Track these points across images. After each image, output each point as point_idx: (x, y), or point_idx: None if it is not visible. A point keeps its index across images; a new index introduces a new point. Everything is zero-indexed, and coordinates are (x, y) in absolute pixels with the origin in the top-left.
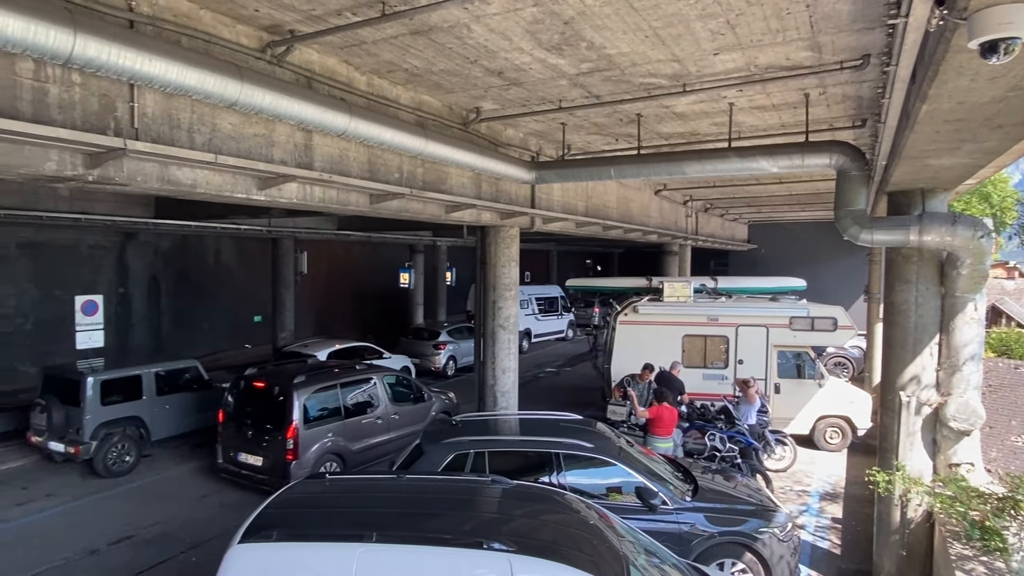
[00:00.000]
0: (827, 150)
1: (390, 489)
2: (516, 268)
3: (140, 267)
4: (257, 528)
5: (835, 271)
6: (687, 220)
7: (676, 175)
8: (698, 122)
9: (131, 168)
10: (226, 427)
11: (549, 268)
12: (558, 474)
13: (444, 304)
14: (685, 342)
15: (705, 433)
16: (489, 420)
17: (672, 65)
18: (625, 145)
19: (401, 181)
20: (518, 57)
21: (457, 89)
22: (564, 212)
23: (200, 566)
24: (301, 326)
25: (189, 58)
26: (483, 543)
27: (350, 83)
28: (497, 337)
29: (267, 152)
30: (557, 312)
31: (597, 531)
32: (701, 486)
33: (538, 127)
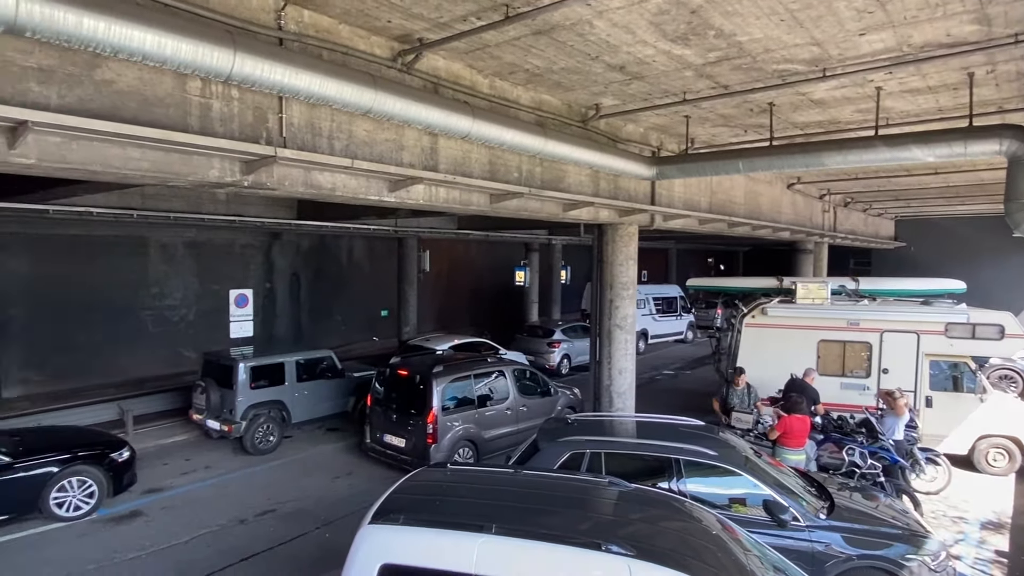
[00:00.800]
0: (996, 135)
1: (508, 483)
2: (634, 267)
3: (283, 264)
4: (385, 511)
5: (1001, 272)
6: (824, 216)
7: (813, 167)
8: (839, 109)
9: (280, 174)
10: (373, 411)
11: (667, 267)
12: (677, 480)
13: (558, 302)
14: (820, 348)
15: (843, 447)
16: (605, 421)
17: (810, 49)
18: (755, 137)
19: (520, 180)
20: (641, 50)
21: (577, 87)
22: (686, 209)
23: (332, 541)
24: (423, 321)
25: (330, 70)
26: (601, 544)
27: (473, 86)
28: (614, 337)
29: (397, 156)
30: (676, 313)
31: (720, 542)
32: (838, 504)
33: (660, 121)
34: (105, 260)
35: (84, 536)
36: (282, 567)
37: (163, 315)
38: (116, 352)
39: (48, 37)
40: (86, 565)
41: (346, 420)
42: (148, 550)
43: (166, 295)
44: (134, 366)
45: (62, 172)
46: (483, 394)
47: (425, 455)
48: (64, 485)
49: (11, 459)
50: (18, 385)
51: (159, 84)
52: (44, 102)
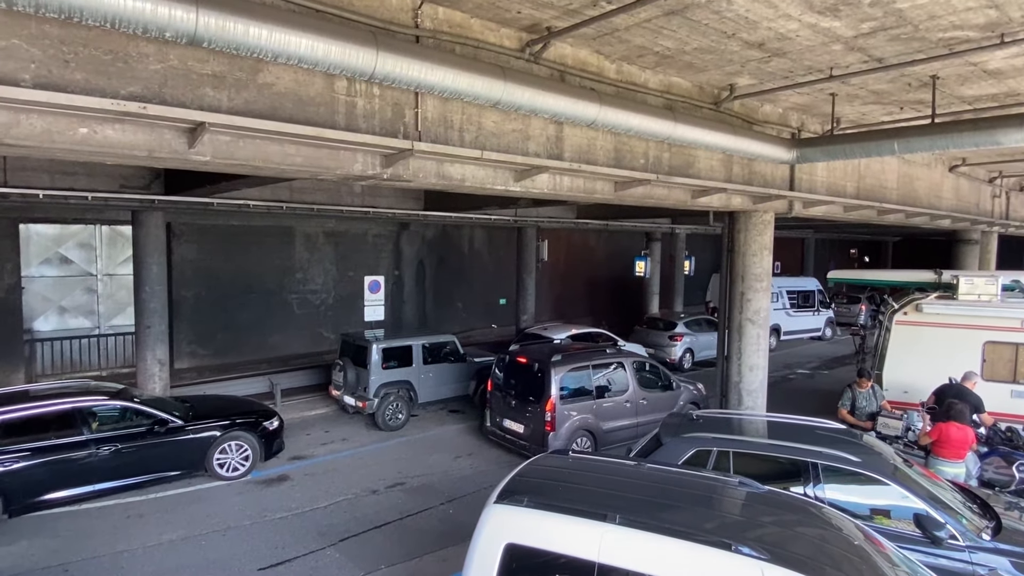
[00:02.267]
0: None
1: (631, 475)
2: (769, 257)
3: (410, 253)
4: (509, 492)
5: None
6: (993, 201)
7: (984, 146)
8: (1019, 80)
9: (415, 166)
10: (493, 396)
11: (804, 258)
12: (814, 486)
13: (681, 294)
14: (987, 350)
15: (1012, 463)
16: (733, 419)
17: (986, 13)
18: (912, 114)
19: (647, 167)
20: (784, 25)
21: (710, 67)
22: (829, 195)
23: (455, 517)
24: (540, 310)
25: (462, 64)
26: (732, 545)
27: (600, 72)
28: (744, 331)
29: (523, 146)
30: (813, 307)
31: (864, 553)
32: (1005, 525)
33: (801, 100)
34: (258, 248)
35: (240, 495)
36: (410, 537)
37: (306, 299)
38: (267, 331)
39: (221, 46)
40: (243, 520)
41: (467, 403)
42: (293, 511)
43: (309, 280)
44: (282, 344)
45: (231, 168)
46: (601, 385)
47: (543, 442)
48: (225, 448)
49: (183, 422)
50: (187, 358)
51: (311, 85)
52: (217, 105)
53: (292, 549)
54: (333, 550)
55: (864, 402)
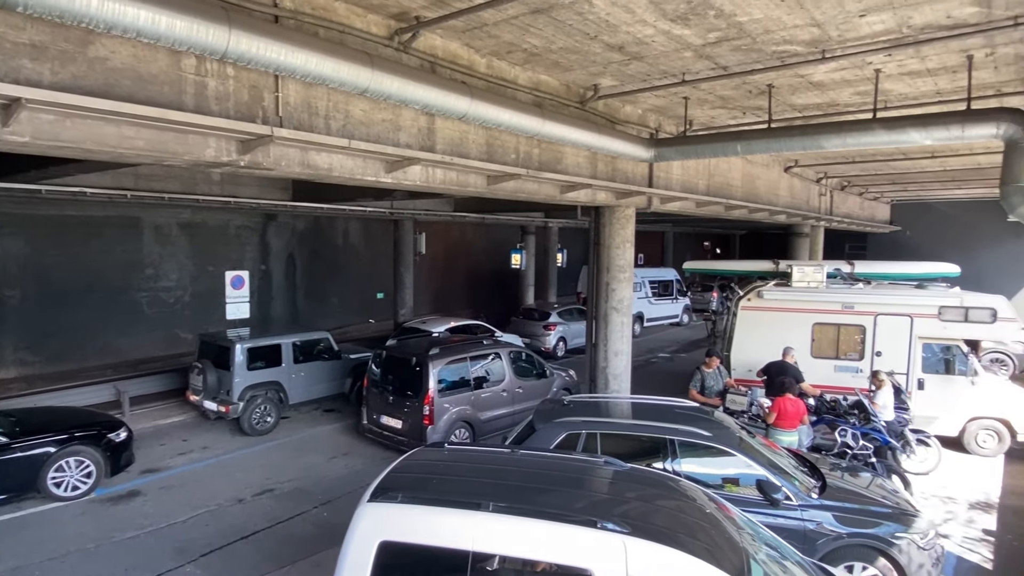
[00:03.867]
0: (993, 118)
1: (505, 462)
2: (631, 249)
3: (279, 246)
4: (384, 489)
5: (996, 256)
6: (820, 199)
7: (811, 149)
8: (838, 92)
9: (276, 154)
10: (370, 392)
11: (664, 250)
12: (672, 460)
13: (554, 285)
14: (815, 331)
15: (836, 429)
16: (601, 402)
17: (810, 30)
18: (753, 119)
19: (518, 162)
20: (640, 30)
21: (575, 67)
22: (684, 191)
23: (329, 520)
24: (419, 303)
25: (326, 48)
26: (597, 522)
27: (471, 66)
28: (610, 319)
29: (394, 136)
30: (672, 296)
31: (715, 520)
32: (829, 484)
33: (658, 102)
34: (99, 241)
35: (82, 515)
36: (281, 545)
37: (159, 297)
38: (112, 334)
39: (40, 12)
40: (85, 544)
41: (343, 401)
42: (146, 529)
43: (161, 276)
44: (130, 347)
45: (57, 151)
46: (479, 376)
47: (422, 436)
48: (62, 465)
49: (8, 439)
50: (13, 366)
51: (153, 61)
52: (37, 79)
53: (144, 570)
54: (193, 567)
55: (712, 381)
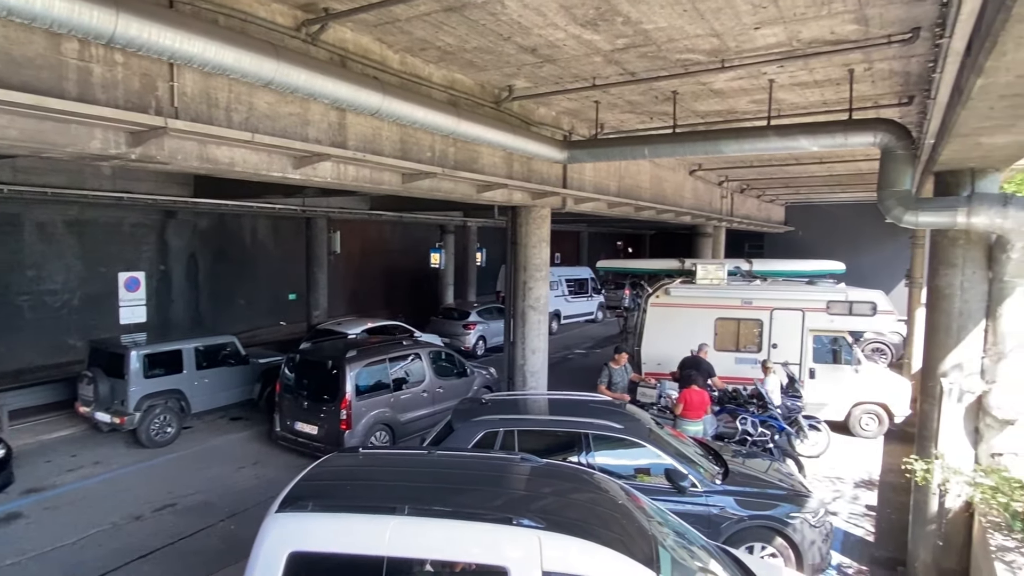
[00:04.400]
0: (871, 128)
1: (421, 464)
2: (547, 249)
3: (180, 245)
4: (293, 499)
5: (876, 255)
6: (722, 201)
7: (712, 154)
8: (736, 100)
9: (172, 147)
10: (283, 397)
11: (579, 249)
12: (587, 454)
13: (474, 284)
14: (718, 325)
15: (736, 417)
16: (519, 399)
17: (711, 40)
18: (660, 124)
19: (433, 160)
20: (552, 33)
21: (490, 67)
22: (596, 192)
23: (237, 534)
24: (334, 304)
25: (226, 37)
26: (512, 519)
27: (383, 62)
28: (527, 318)
29: (302, 131)
30: (587, 294)
31: (626, 511)
32: (732, 469)
33: (571, 105)
34: None
35: None
36: (185, 562)
37: (42, 300)
38: None
39: None
40: None
41: (252, 408)
42: (29, 554)
43: (45, 279)
44: (9, 356)
45: None
46: (399, 377)
47: (339, 441)
48: None
49: None
50: None
51: (28, 44)
52: None
53: None
54: None
55: (619, 377)
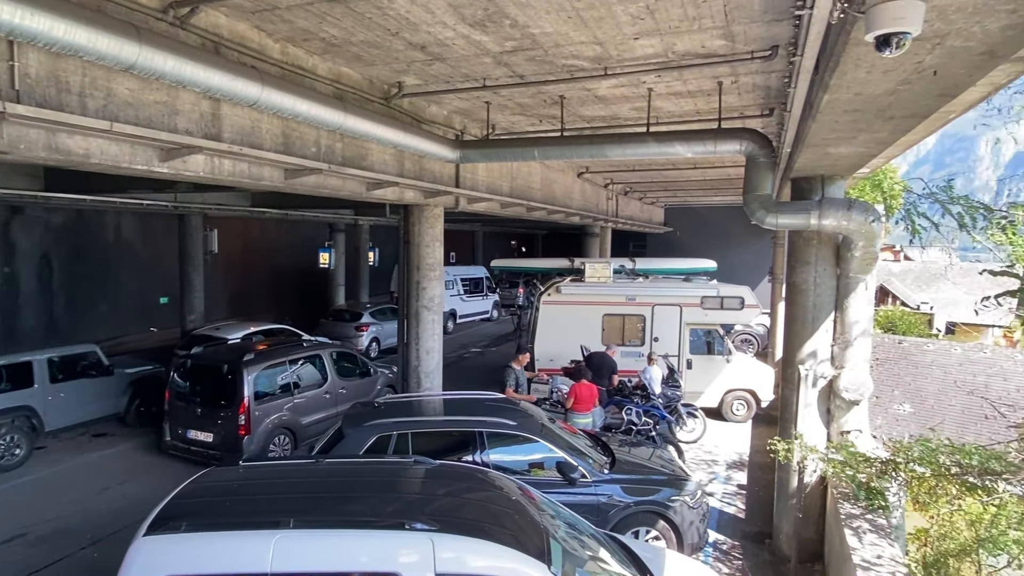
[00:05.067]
0: (737, 137)
1: (309, 474)
2: (440, 248)
3: (28, 245)
4: (164, 520)
5: (743, 253)
6: (608, 203)
7: (598, 158)
8: (619, 106)
9: (13, 134)
10: (174, 405)
11: (475, 248)
12: (482, 452)
13: (366, 285)
14: (605, 321)
15: (623, 408)
16: (413, 401)
17: (594, 48)
18: (549, 127)
19: (319, 156)
20: (441, 32)
21: (378, 62)
22: (489, 192)
23: (102, 562)
24: (213, 308)
25: (79, 15)
26: (405, 524)
27: (262, 51)
28: (421, 318)
29: (170, 121)
30: (482, 293)
31: (519, 506)
32: (618, 459)
33: (462, 105)
34: None
35: None
36: None
37: None
38: None
39: None
40: None
41: (118, 423)
42: None
43: None
44: None
45: None
46: (299, 379)
47: (237, 447)
48: None
49: None
50: None
51: None
52: None
53: None
54: None
55: (523, 378)
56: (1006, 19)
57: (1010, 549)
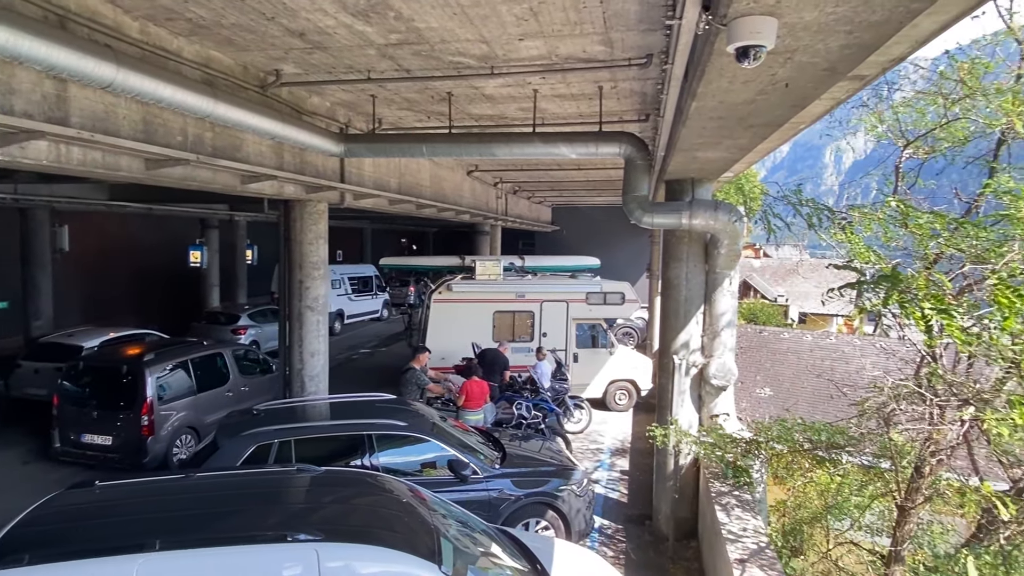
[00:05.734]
0: (617, 140)
1: (178, 491)
2: (325, 246)
3: None
4: (3, 552)
5: (624, 251)
6: (497, 201)
7: (486, 156)
8: (506, 105)
9: None
10: (64, 409)
11: (363, 247)
12: (371, 456)
13: (244, 285)
14: (496, 318)
15: (513, 403)
16: (296, 407)
17: (480, 46)
18: (437, 123)
19: (185, 146)
20: (321, 19)
21: (253, 47)
22: (376, 188)
23: None
24: (64, 313)
25: None
26: (287, 535)
27: (118, 28)
28: (305, 319)
29: (6, 102)
30: (371, 292)
31: (409, 508)
32: (509, 453)
33: (347, 97)
34: None
35: None
36: None
37: None
38: None
39: None
40: None
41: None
42: None
43: None
44: None
45: None
46: (202, 378)
47: (141, 448)
48: None
49: None
50: None
51: None
52: None
53: None
54: None
55: (424, 378)
56: (844, 39)
57: (852, 513)
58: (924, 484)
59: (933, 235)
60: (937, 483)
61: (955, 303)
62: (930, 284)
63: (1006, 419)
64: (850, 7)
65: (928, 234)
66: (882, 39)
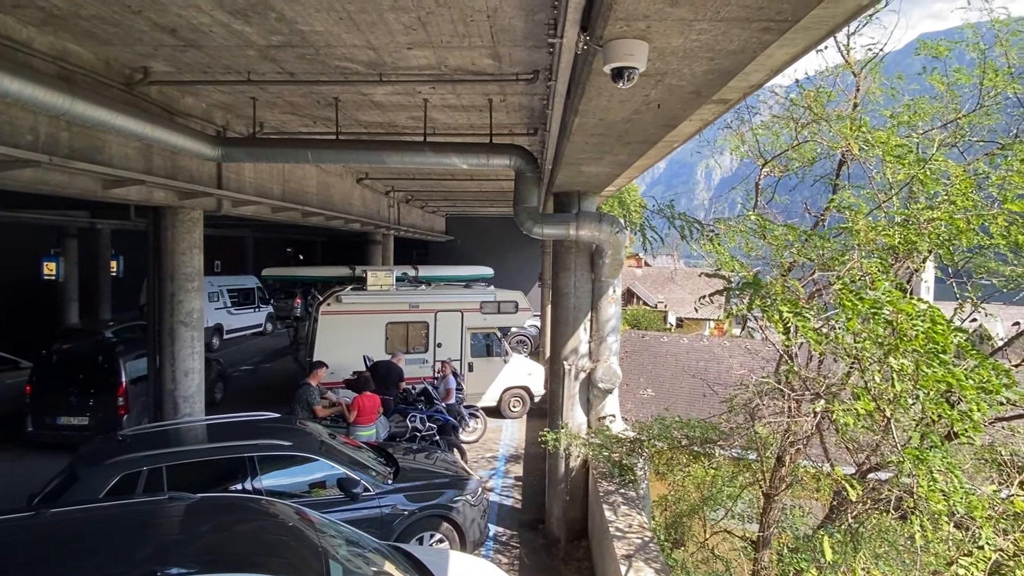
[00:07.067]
0: (507, 152)
1: (26, 530)
2: (200, 256)
3: None
4: None
5: (517, 260)
6: (389, 210)
7: (376, 163)
8: (396, 114)
9: None
10: (38, 395)
11: (244, 256)
12: (254, 479)
13: (109, 299)
14: (389, 329)
15: (407, 416)
16: (169, 430)
17: (368, 53)
18: (324, 129)
19: (36, 146)
20: (195, 16)
21: (116, 42)
22: (258, 195)
23: None
24: None
25: None
26: (157, 571)
27: None
28: (177, 335)
29: None
30: (254, 304)
31: (295, 532)
32: (402, 467)
33: (225, 99)
34: None
35: None
36: None
37: None
38: None
39: None
40: None
41: None
42: None
43: None
44: None
45: None
46: None
47: (117, 424)
48: None
49: None
50: None
51: None
52: None
53: None
54: None
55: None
56: (707, 64)
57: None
58: (785, 472)
59: (787, 245)
60: (796, 470)
61: (807, 306)
62: (786, 290)
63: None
64: (711, 36)
65: (783, 245)
66: (740, 66)
